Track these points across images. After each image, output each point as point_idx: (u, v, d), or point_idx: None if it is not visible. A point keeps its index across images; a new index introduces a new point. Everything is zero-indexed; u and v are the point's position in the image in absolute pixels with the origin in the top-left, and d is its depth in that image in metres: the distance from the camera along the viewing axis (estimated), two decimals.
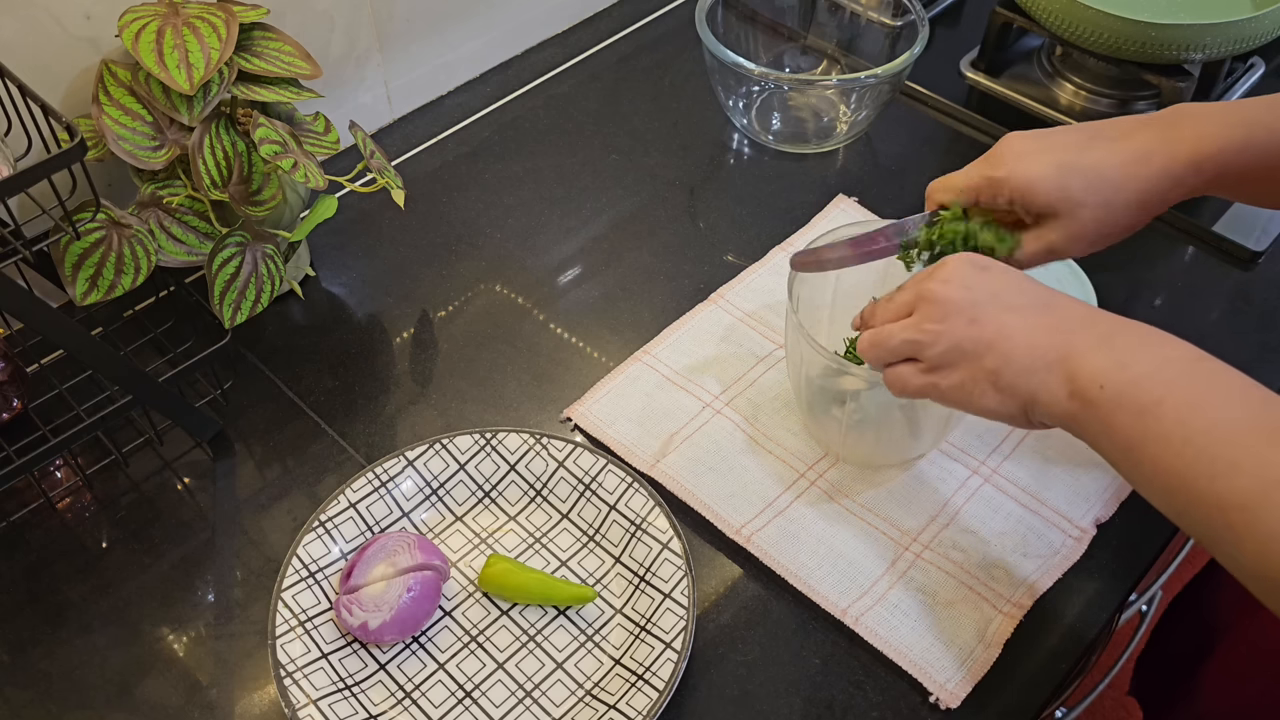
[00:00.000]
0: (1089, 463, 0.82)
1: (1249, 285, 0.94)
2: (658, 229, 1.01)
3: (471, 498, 0.80)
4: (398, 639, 0.72)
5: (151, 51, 0.76)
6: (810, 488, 0.80)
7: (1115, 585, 0.76)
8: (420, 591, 0.71)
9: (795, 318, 0.74)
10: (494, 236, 1.00)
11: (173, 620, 0.75)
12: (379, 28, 1.03)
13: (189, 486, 0.83)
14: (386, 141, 1.09)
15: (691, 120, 1.11)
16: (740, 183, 1.06)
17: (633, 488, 0.78)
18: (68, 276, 0.75)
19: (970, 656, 0.71)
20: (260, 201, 0.83)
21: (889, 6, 1.11)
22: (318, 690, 0.69)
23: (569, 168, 1.07)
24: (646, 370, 0.88)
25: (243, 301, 0.82)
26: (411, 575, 0.72)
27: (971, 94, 1.13)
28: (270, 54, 0.84)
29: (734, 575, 0.77)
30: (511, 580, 0.74)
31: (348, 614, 0.71)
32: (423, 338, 0.92)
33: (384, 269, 0.97)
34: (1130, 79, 1.09)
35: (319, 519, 0.75)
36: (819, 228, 0.99)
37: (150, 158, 0.79)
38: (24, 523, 0.80)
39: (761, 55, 1.16)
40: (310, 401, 0.87)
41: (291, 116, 0.88)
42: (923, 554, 0.77)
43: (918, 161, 1.07)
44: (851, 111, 1.08)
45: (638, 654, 0.71)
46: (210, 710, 0.71)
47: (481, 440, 0.80)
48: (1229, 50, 1.00)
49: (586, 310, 0.94)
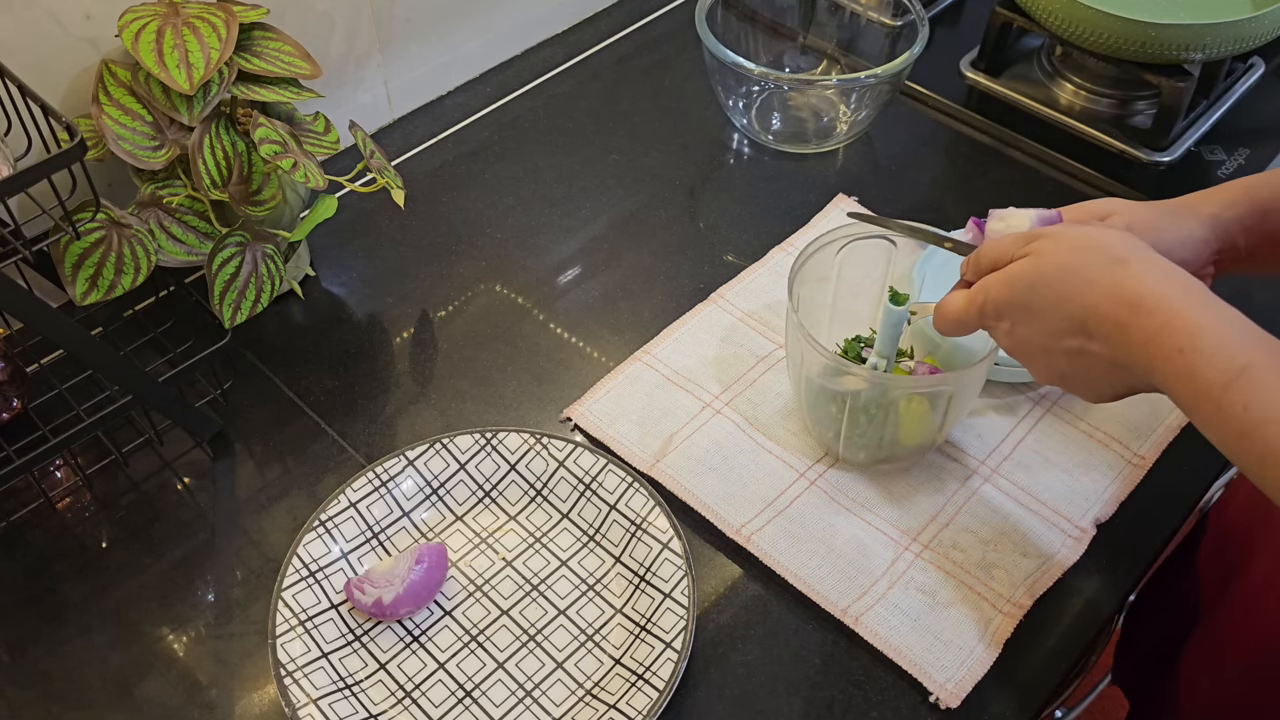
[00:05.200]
0: (1089, 463, 0.82)
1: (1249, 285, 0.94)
2: (658, 229, 1.01)
3: (472, 497, 0.80)
4: (413, 611, 0.72)
5: (151, 51, 0.76)
6: (810, 488, 0.80)
7: (1115, 585, 0.76)
8: (430, 562, 0.72)
9: (795, 318, 0.74)
10: (494, 236, 1.00)
11: (173, 620, 0.75)
12: (379, 28, 1.03)
13: (189, 486, 0.83)
14: (386, 141, 1.09)
15: (691, 120, 1.11)
16: (740, 183, 1.06)
17: (633, 488, 0.78)
18: (68, 276, 0.75)
19: (970, 656, 0.71)
20: (260, 201, 0.83)
21: (889, 6, 1.11)
22: (318, 690, 0.69)
23: (569, 168, 1.07)
24: (646, 370, 0.88)
25: (243, 301, 0.82)
26: (419, 548, 0.73)
27: (971, 94, 1.13)
28: (270, 54, 0.84)
29: (734, 575, 0.77)
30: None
31: (360, 594, 0.72)
32: (423, 338, 0.92)
33: (384, 269, 0.97)
34: (1130, 79, 1.09)
35: (319, 518, 0.76)
36: (819, 228, 0.99)
37: (150, 158, 0.79)
38: (24, 523, 0.80)
39: (761, 55, 1.16)
40: (310, 401, 0.87)
41: (291, 116, 0.88)
42: (923, 554, 0.77)
43: (917, 161, 1.07)
44: (851, 111, 1.08)
45: (638, 654, 0.71)
46: (210, 710, 0.71)
47: (482, 440, 0.80)
48: (1229, 50, 1.00)
49: (586, 310, 0.94)
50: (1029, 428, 0.84)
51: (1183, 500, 0.81)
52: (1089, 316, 0.59)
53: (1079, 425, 0.84)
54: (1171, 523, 0.80)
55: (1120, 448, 0.83)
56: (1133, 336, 0.58)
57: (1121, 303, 0.58)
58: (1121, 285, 0.58)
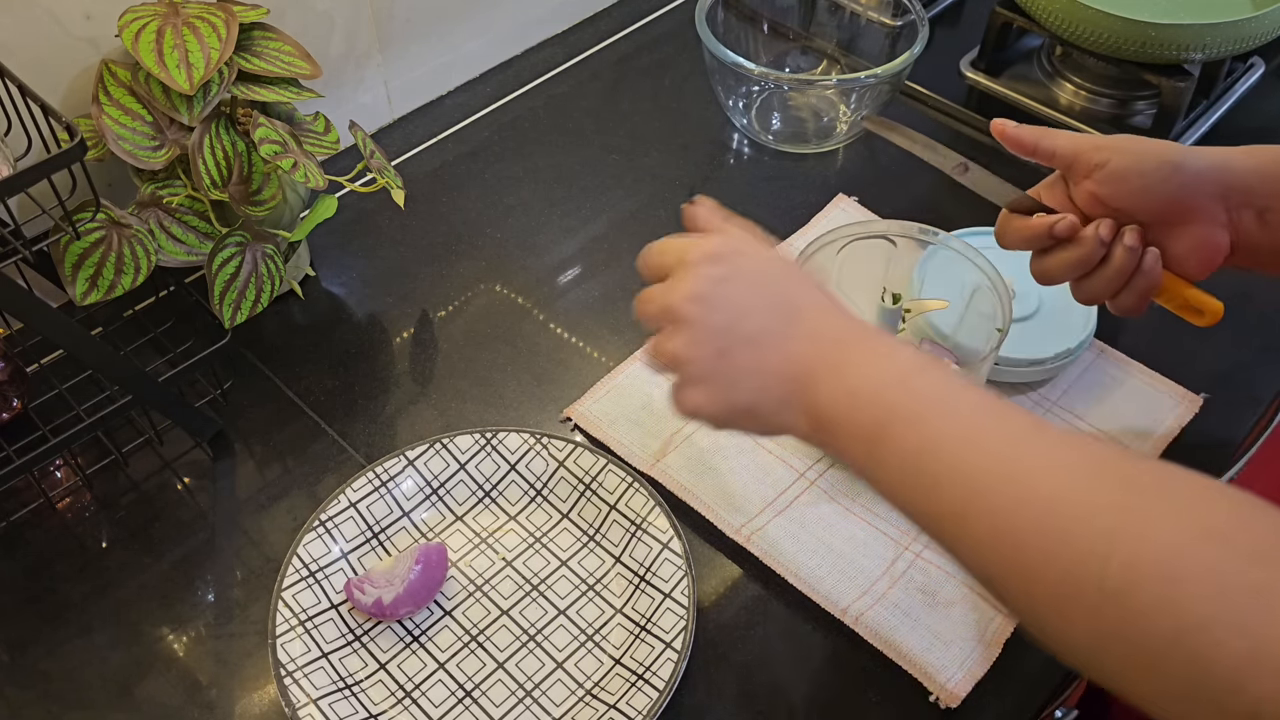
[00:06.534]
0: None
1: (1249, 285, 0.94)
2: (658, 229, 1.00)
3: (472, 497, 0.80)
4: (413, 611, 0.72)
5: (151, 51, 0.76)
6: (810, 488, 0.80)
7: None
8: (429, 562, 0.72)
9: None
10: (494, 236, 1.00)
11: (173, 620, 0.75)
12: (379, 28, 1.03)
13: (189, 486, 0.83)
14: (386, 141, 1.09)
15: (691, 120, 1.11)
16: (740, 183, 1.06)
17: (633, 487, 0.78)
18: (68, 276, 0.75)
19: (970, 656, 0.71)
20: (260, 201, 0.83)
21: (889, 6, 1.11)
22: (318, 690, 0.69)
23: (569, 168, 1.07)
24: (646, 370, 0.88)
25: (243, 301, 0.82)
26: (419, 548, 0.73)
27: (971, 94, 1.13)
28: (270, 54, 0.84)
29: (734, 575, 0.77)
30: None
31: (360, 594, 0.72)
32: (423, 338, 0.92)
33: (384, 269, 0.97)
34: (1130, 79, 1.09)
35: (319, 518, 0.76)
36: (819, 227, 0.99)
37: (150, 158, 0.79)
38: (24, 523, 0.80)
39: (761, 55, 1.16)
40: (310, 401, 0.87)
41: (291, 116, 0.88)
42: (923, 554, 0.77)
43: (917, 161, 1.07)
44: (851, 111, 1.08)
45: (638, 654, 0.71)
46: (210, 710, 0.71)
47: (482, 440, 0.80)
48: (1229, 50, 1.00)
49: (586, 310, 0.94)
50: None
51: None
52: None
53: (1079, 425, 0.84)
54: None
55: (1120, 448, 0.83)
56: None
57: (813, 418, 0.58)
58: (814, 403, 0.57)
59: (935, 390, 0.55)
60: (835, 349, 0.58)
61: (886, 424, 0.54)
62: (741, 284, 0.60)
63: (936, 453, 0.52)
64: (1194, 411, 0.85)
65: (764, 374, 0.58)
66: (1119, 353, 0.88)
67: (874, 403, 0.55)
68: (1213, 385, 0.86)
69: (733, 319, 0.59)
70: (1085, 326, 0.85)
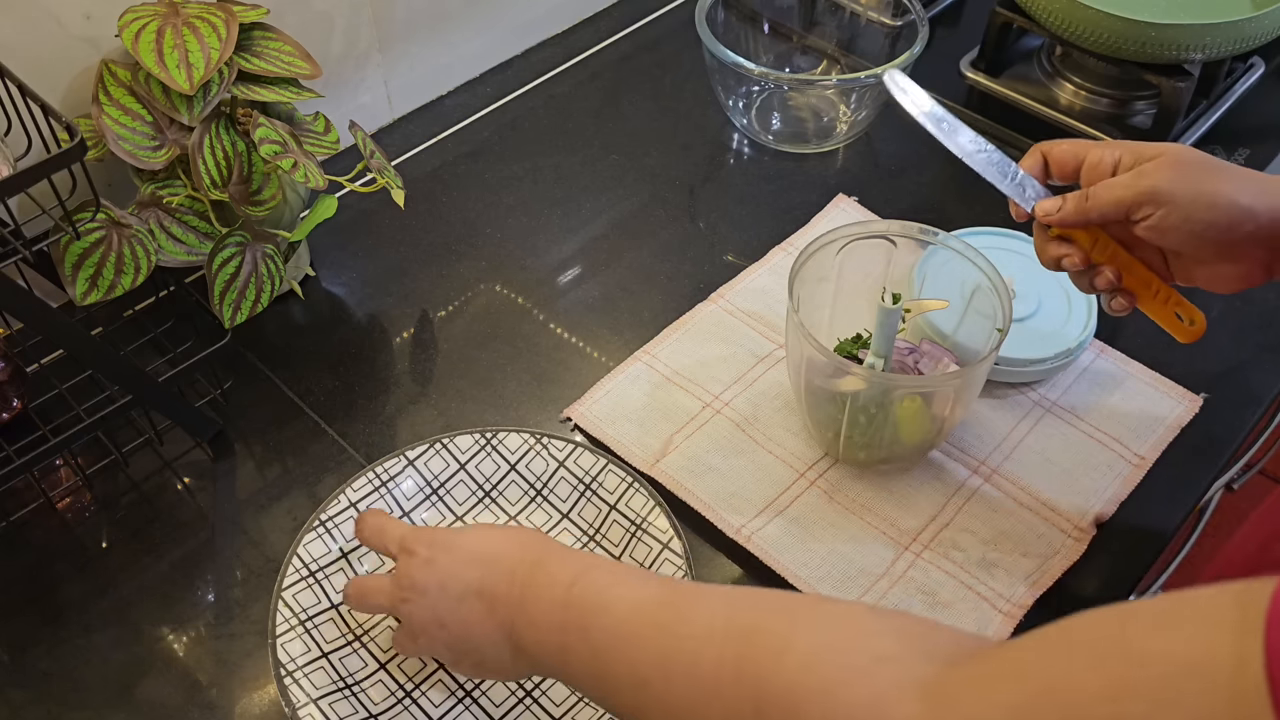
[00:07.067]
0: (1089, 463, 0.82)
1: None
2: (658, 229, 1.01)
3: (472, 497, 0.80)
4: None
5: (151, 51, 0.76)
6: (810, 488, 0.80)
7: (1115, 585, 0.76)
8: None
9: (795, 318, 0.74)
10: (494, 236, 1.00)
11: (173, 620, 0.75)
12: (379, 28, 1.03)
13: (189, 486, 0.83)
14: (386, 141, 1.09)
15: (691, 120, 1.11)
16: (740, 183, 1.06)
17: (633, 488, 0.78)
18: (68, 276, 0.75)
19: None
20: (260, 201, 0.83)
21: (889, 6, 1.11)
22: (318, 689, 0.69)
23: (569, 168, 1.07)
24: (646, 370, 0.88)
25: (243, 301, 0.82)
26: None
27: (971, 94, 1.13)
28: (270, 54, 0.84)
29: (734, 575, 0.77)
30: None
31: None
32: (423, 338, 0.92)
33: (384, 269, 0.97)
34: (1130, 79, 1.09)
35: (319, 518, 0.76)
36: (819, 227, 0.99)
37: (150, 158, 0.79)
38: (24, 523, 0.80)
39: (761, 55, 1.16)
40: (310, 401, 0.87)
41: (291, 116, 0.88)
42: (923, 554, 0.77)
43: (917, 161, 1.07)
44: (851, 111, 1.08)
45: None
46: (210, 710, 0.71)
47: (482, 440, 0.80)
48: (1229, 50, 1.00)
49: (586, 310, 0.94)
50: (1029, 428, 0.84)
51: (1183, 500, 0.81)
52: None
53: (1079, 425, 0.84)
54: (1171, 523, 0.80)
55: (1120, 448, 0.83)
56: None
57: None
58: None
59: (590, 598, 0.58)
60: (515, 588, 0.61)
61: (563, 646, 0.58)
62: (441, 566, 0.64)
63: (604, 655, 0.56)
64: (1194, 411, 0.85)
65: (478, 638, 0.63)
66: (1119, 353, 0.88)
67: (550, 626, 0.59)
68: (1212, 385, 0.86)
69: (440, 604, 0.63)
70: (1085, 326, 0.85)
